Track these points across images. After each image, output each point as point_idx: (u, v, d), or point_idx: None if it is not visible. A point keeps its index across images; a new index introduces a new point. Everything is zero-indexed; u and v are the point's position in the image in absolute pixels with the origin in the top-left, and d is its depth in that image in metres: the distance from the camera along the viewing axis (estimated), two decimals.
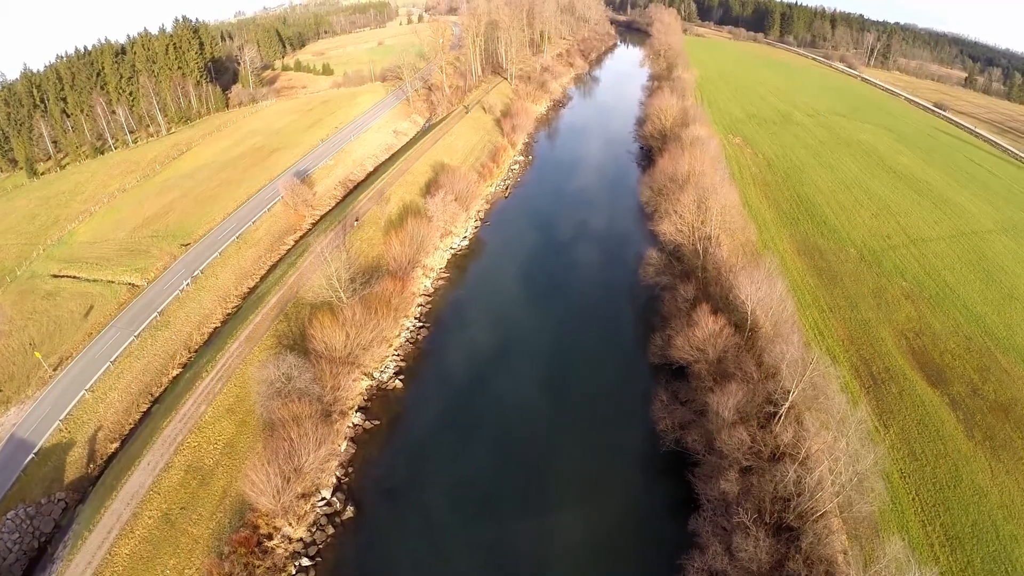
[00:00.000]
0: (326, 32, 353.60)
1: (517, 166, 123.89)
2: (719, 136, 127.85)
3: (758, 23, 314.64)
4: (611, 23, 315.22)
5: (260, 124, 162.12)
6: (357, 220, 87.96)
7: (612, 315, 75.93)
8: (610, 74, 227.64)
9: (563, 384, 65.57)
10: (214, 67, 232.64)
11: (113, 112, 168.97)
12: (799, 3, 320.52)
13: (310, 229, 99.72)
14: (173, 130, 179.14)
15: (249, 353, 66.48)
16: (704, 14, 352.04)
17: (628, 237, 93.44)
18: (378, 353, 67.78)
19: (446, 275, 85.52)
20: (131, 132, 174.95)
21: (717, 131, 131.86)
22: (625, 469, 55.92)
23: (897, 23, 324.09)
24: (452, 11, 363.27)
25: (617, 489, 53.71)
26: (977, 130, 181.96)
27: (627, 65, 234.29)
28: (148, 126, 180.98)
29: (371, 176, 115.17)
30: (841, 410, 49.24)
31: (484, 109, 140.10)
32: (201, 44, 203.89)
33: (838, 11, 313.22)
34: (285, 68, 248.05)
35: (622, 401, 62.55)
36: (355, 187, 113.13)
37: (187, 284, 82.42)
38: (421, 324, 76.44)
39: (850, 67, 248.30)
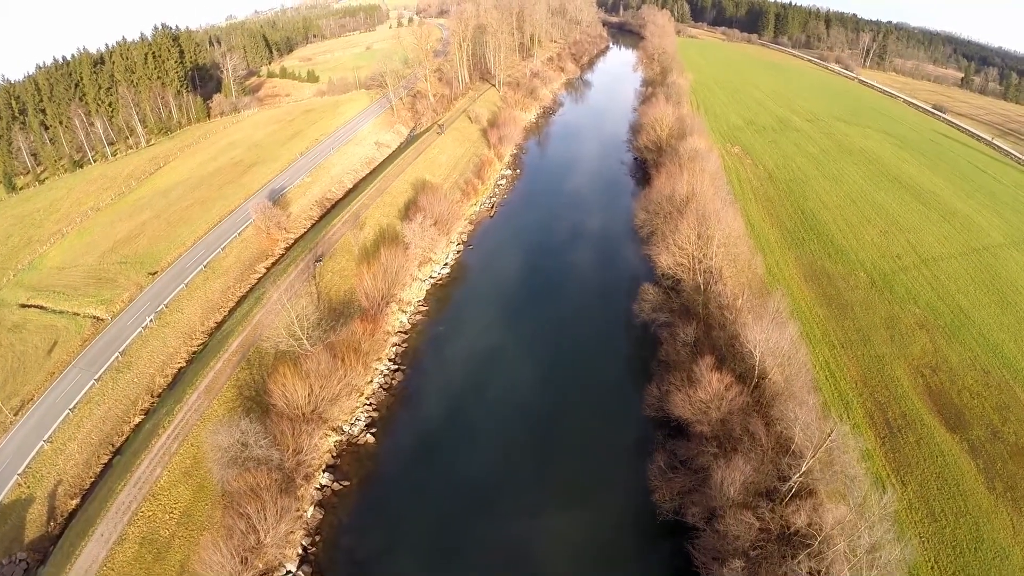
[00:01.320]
0: (315, 36, 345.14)
1: (504, 181, 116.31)
2: (717, 146, 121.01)
3: (752, 24, 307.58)
4: (603, 25, 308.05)
5: (240, 136, 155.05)
6: (319, 260, 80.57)
7: (604, 355, 68.66)
8: (602, 79, 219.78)
9: (550, 440, 58.38)
10: (198, 75, 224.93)
11: (92, 124, 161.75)
12: (793, 3, 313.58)
13: (283, 255, 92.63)
14: (153, 142, 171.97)
15: (208, 408, 60.39)
16: (697, 15, 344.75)
17: (621, 263, 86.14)
18: (347, 405, 60.66)
19: (424, 308, 78.15)
20: (111, 144, 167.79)
21: (715, 140, 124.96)
22: (617, 539, 49.02)
23: (890, 22, 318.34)
24: (443, 13, 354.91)
25: (610, 562, 46.97)
26: (978, 133, 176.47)
27: (620, 69, 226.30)
28: (127, 138, 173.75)
29: (350, 193, 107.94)
30: (862, 489, 42.89)
31: (470, 119, 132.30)
32: (181, 52, 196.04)
33: (832, 11, 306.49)
34: (271, 75, 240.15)
35: (614, 459, 55.54)
36: (333, 206, 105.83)
37: (150, 320, 76.01)
38: (396, 367, 69.21)
39: (846, 68, 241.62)
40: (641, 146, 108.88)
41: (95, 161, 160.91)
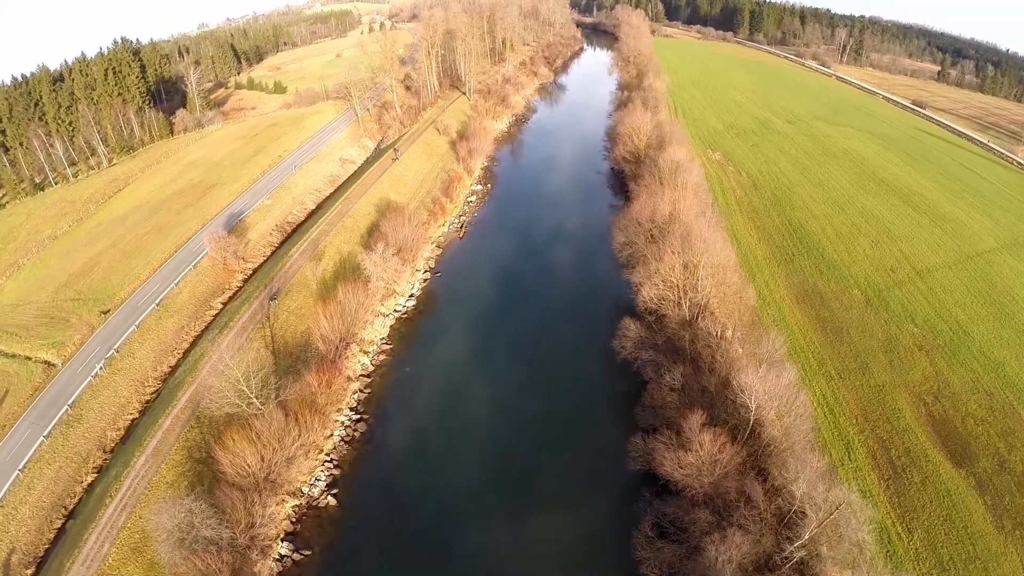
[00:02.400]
0: (286, 44, 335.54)
1: (474, 197, 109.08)
2: (698, 153, 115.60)
3: (727, 22, 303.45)
4: (577, 26, 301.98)
5: (201, 154, 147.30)
6: (274, 298, 73.52)
7: (585, 397, 62.22)
8: (577, 82, 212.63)
9: (526, 499, 52.17)
10: (164, 88, 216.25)
11: (52, 145, 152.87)
12: (768, 0, 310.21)
13: (241, 287, 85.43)
14: (115, 161, 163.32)
15: (156, 473, 54.26)
16: (672, 14, 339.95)
17: (601, 290, 79.25)
18: (305, 465, 54.05)
19: (388, 347, 71.30)
20: (72, 164, 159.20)
21: (695, 146, 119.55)
22: None
23: (863, 16, 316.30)
24: (415, 18, 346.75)
25: None
26: (958, 128, 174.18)
27: (595, 71, 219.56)
28: (88, 158, 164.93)
29: (313, 215, 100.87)
30: (869, 555, 37.64)
31: (439, 131, 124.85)
32: (143, 67, 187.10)
33: (806, 7, 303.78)
34: (238, 86, 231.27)
35: (598, 525, 49.47)
36: (295, 229, 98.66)
37: (100, 368, 69.20)
38: (358, 416, 62.41)
39: (823, 65, 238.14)
40: (618, 157, 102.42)
41: (56, 183, 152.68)
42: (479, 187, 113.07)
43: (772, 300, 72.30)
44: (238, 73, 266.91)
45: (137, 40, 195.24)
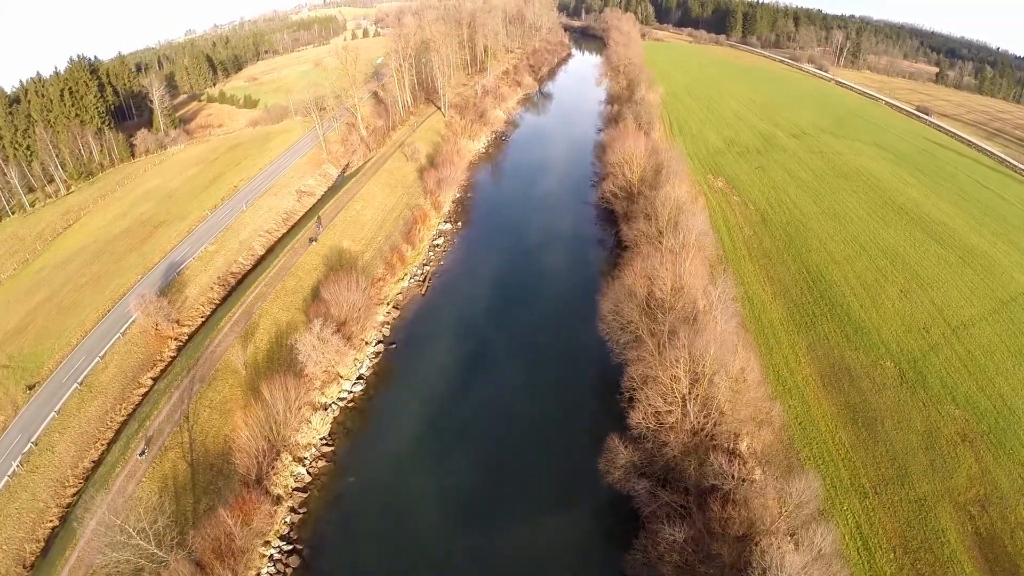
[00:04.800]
0: (267, 52, 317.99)
1: (442, 240, 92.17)
2: (699, 181, 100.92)
3: (719, 24, 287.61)
4: (565, 30, 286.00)
5: (157, 182, 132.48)
6: (196, 387, 58.56)
7: (563, 529, 47.98)
8: (564, 92, 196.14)
9: None
10: (134, 103, 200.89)
11: (4, 172, 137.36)
12: (761, 1, 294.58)
13: (174, 358, 70.78)
14: (73, 188, 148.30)
15: None
16: (662, 16, 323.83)
17: (583, 376, 62.76)
18: None
19: (329, 448, 56.35)
20: (31, 191, 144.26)
21: (695, 171, 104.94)
22: None
23: (852, 16, 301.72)
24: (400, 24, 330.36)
25: None
26: (966, 136, 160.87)
27: (583, 79, 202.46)
28: (46, 185, 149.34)
29: (261, 263, 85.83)
30: None
31: (406, 156, 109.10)
32: (101, 85, 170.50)
33: (799, 8, 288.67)
34: (210, 99, 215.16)
35: None
36: (239, 281, 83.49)
37: (16, 466, 56.51)
38: (291, 548, 48.04)
39: (821, 69, 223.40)
40: (608, 193, 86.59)
41: (13, 213, 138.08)
42: (448, 225, 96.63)
43: (794, 383, 57.97)
44: (214, 84, 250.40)
45: (95, 57, 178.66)
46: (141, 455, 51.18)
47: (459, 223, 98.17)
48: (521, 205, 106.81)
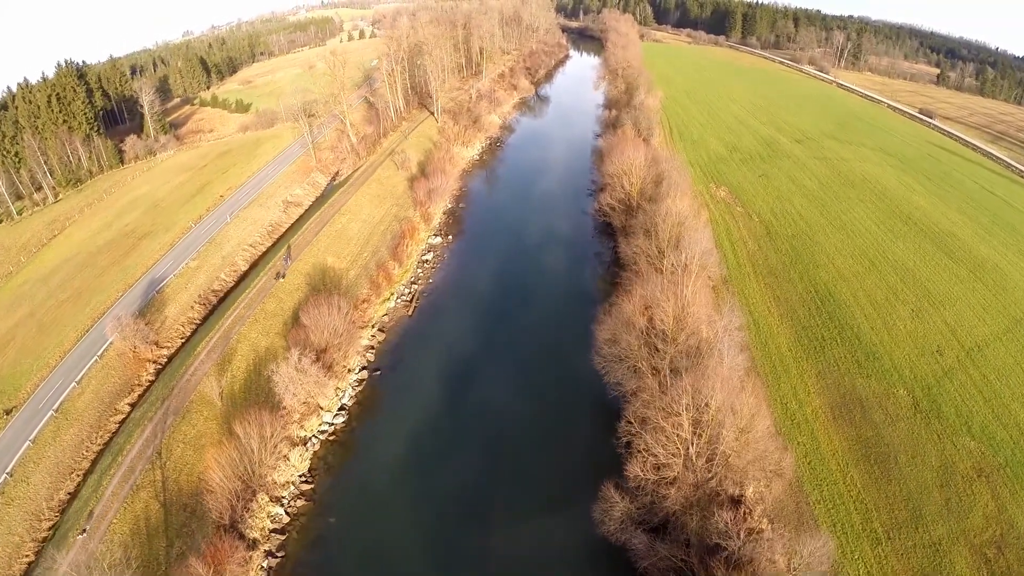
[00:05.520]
0: (262, 54, 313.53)
1: (431, 255, 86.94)
2: (701, 191, 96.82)
3: (718, 25, 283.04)
4: (563, 31, 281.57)
5: (145, 190, 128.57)
6: (169, 419, 54.38)
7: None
8: (561, 96, 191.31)
9: None
10: (126, 107, 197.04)
11: None
12: (760, 2, 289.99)
13: (151, 384, 66.83)
14: (60, 196, 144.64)
15: None
16: (661, 17, 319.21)
17: (580, 408, 57.92)
18: None
19: (309, 486, 52.35)
20: (19, 199, 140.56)
21: (697, 180, 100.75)
22: None
23: (851, 16, 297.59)
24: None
25: None
26: (970, 139, 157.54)
27: (581, 82, 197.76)
28: (33, 193, 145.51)
29: (244, 279, 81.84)
30: None
31: (396, 164, 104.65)
32: (90, 91, 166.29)
33: (799, 8, 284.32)
34: (203, 103, 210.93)
35: None
36: (221, 299, 79.54)
37: None
38: None
39: (821, 70, 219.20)
40: (606, 206, 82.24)
41: (0, 222, 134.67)
42: (438, 239, 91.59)
43: (803, 417, 54.01)
44: (208, 87, 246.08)
45: (83, 62, 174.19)
46: (82, 534, 47.07)
47: (450, 236, 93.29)
48: (515, 216, 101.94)
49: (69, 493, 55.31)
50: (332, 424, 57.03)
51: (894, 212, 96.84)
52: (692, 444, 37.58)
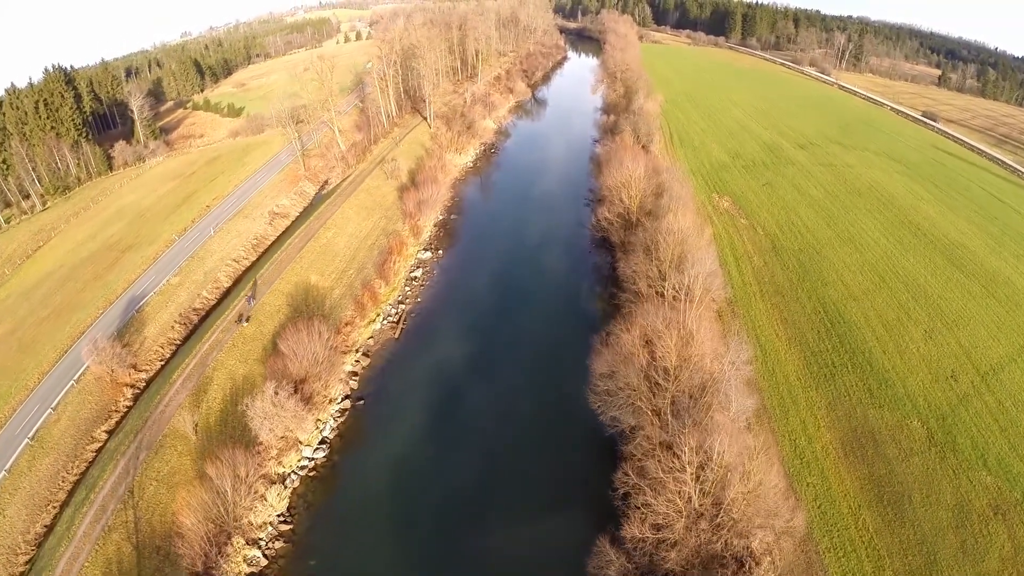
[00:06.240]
0: (258, 56, 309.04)
1: (420, 271, 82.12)
2: (704, 202, 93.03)
3: (718, 26, 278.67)
4: (561, 31, 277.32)
5: (132, 199, 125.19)
6: (141, 455, 50.65)
7: None
8: (559, 98, 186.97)
9: None
10: (118, 112, 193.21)
11: None
12: (760, 3, 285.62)
13: (129, 409, 63.17)
14: (49, 204, 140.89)
15: None
16: (660, 18, 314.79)
17: (575, 440, 53.59)
18: None
19: (288, 526, 48.58)
20: (8, 207, 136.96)
21: (699, 190, 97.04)
22: None
23: (850, 16, 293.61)
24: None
25: None
26: (974, 143, 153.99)
27: (579, 84, 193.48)
28: (21, 201, 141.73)
29: (226, 297, 77.98)
30: None
31: (386, 174, 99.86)
32: (78, 96, 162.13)
33: (799, 9, 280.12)
34: (195, 107, 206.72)
35: None
36: (202, 319, 75.80)
37: None
38: None
39: (822, 72, 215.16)
40: (604, 221, 77.93)
41: None
42: (427, 254, 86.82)
43: (812, 455, 50.26)
44: (201, 90, 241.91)
45: (71, 67, 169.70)
46: None
47: (440, 251, 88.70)
48: (509, 227, 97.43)
49: (46, 526, 52.25)
50: (312, 459, 53.23)
51: (902, 222, 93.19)
52: (695, 501, 33.89)
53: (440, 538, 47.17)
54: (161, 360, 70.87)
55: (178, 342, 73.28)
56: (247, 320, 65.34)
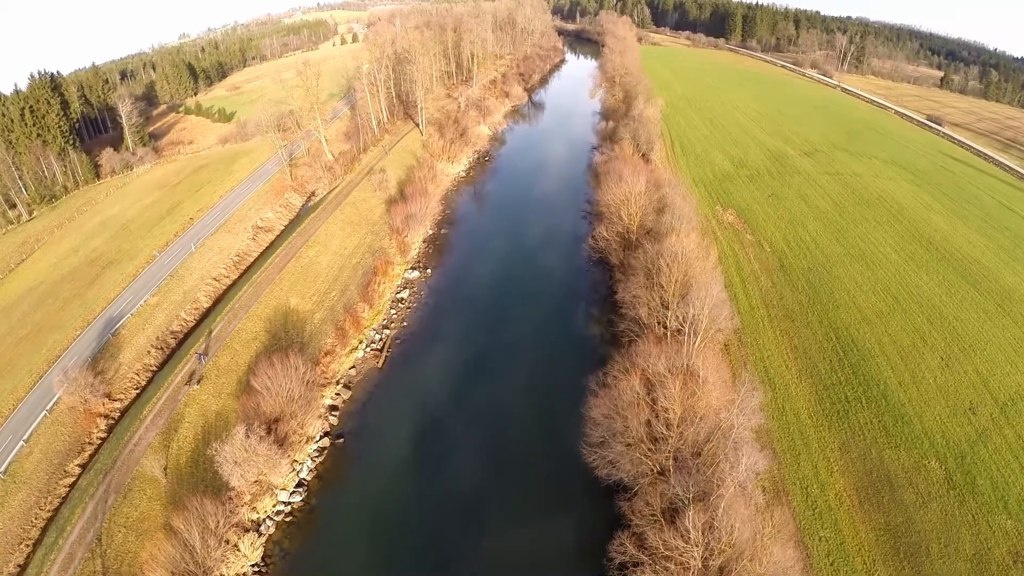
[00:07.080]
0: (254, 58, 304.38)
1: (407, 292, 77.36)
2: (707, 216, 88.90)
3: (718, 27, 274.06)
4: (559, 33, 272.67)
5: (116, 210, 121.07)
6: (110, 500, 46.58)
7: None
8: (556, 102, 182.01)
9: None
10: (109, 116, 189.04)
11: None
12: (760, 4, 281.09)
13: (103, 441, 59.18)
14: (35, 213, 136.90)
15: None
16: (659, 19, 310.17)
17: (573, 480, 48.14)
18: None
19: None
20: None
21: (702, 202, 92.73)
22: None
23: (849, 17, 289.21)
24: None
25: None
26: (981, 148, 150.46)
27: (577, 87, 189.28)
28: (7, 211, 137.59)
29: (206, 319, 73.95)
30: None
31: (374, 185, 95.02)
32: (65, 103, 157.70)
33: (800, 9, 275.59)
34: (187, 111, 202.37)
35: None
36: (180, 342, 71.86)
37: None
38: None
39: (824, 74, 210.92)
40: (602, 241, 72.77)
41: None
42: (415, 273, 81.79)
43: (825, 504, 46.18)
44: (195, 93, 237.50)
45: (57, 72, 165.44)
46: None
47: (429, 269, 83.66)
48: (502, 243, 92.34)
49: (19, 565, 48.58)
50: (289, 503, 49.09)
51: (914, 235, 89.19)
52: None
53: None
54: (136, 388, 66.75)
55: (155, 368, 69.18)
56: (199, 382, 58.37)
